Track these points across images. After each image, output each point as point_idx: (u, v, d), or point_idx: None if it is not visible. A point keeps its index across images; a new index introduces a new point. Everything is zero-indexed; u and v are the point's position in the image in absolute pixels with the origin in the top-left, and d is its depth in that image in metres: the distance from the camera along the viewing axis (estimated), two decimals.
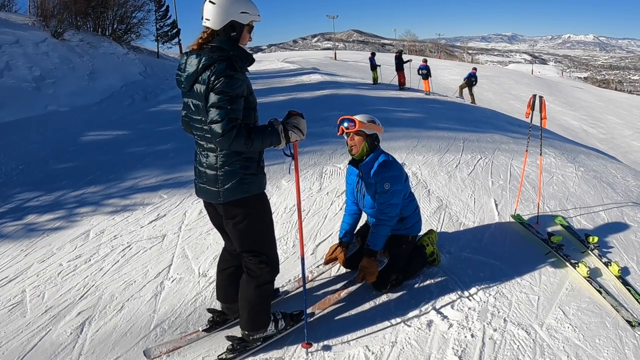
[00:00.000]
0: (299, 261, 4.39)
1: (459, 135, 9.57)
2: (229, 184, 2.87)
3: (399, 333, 3.39)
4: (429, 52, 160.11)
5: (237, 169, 2.86)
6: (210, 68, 2.69)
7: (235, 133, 2.66)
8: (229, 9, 2.76)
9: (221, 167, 2.87)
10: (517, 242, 4.76)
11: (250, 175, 2.91)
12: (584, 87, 64.48)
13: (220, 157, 2.86)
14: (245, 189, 2.90)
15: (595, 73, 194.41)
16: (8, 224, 5.85)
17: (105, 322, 3.71)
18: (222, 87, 2.66)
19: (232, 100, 2.67)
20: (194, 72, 2.75)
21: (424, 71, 21.99)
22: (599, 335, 3.32)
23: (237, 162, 2.86)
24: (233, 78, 2.69)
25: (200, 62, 2.73)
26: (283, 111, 3.13)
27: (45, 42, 17.41)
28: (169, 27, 32.01)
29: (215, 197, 2.93)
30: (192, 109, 2.90)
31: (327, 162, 7.46)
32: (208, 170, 2.92)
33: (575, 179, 6.97)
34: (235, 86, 2.69)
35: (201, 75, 2.73)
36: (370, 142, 3.87)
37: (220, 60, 2.70)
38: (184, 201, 6.20)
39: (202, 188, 3.02)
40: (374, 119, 3.87)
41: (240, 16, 2.79)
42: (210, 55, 2.73)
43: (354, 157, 3.95)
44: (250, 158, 2.91)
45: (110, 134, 11.13)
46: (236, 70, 2.72)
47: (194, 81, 2.78)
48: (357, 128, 3.76)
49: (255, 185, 2.96)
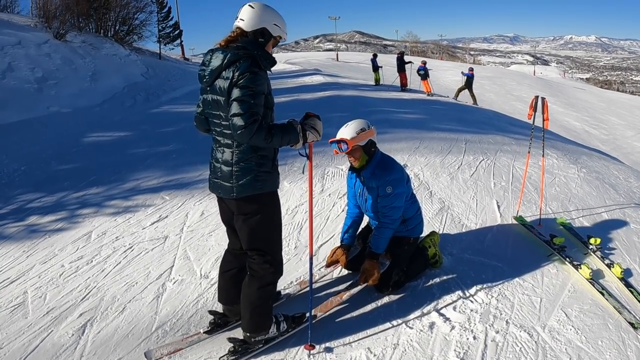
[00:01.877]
0: (300, 263, 4.42)
1: (461, 137, 9.56)
2: (243, 180, 2.92)
3: (401, 335, 3.38)
4: (431, 53, 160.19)
5: (252, 166, 2.93)
6: (235, 64, 2.80)
7: (256, 127, 2.73)
8: (265, 16, 2.96)
9: (237, 163, 2.93)
10: (520, 244, 4.75)
11: (264, 172, 2.97)
12: (586, 88, 64.34)
13: (236, 154, 2.93)
14: (259, 186, 2.96)
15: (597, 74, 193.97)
16: (10, 225, 5.85)
17: (107, 323, 3.71)
18: (245, 82, 2.75)
19: (254, 95, 2.77)
20: (218, 67, 2.85)
21: (422, 72, 22.00)
22: (602, 337, 3.31)
23: (252, 159, 2.93)
24: (257, 74, 2.80)
25: (225, 57, 2.83)
26: (285, 112, 3.15)
27: (47, 43, 17.42)
28: (171, 28, 32.09)
29: (229, 192, 2.97)
30: (212, 105, 2.97)
31: (329, 164, 7.46)
32: (223, 166, 2.98)
33: (578, 180, 6.96)
34: (259, 82, 2.80)
35: (225, 71, 2.83)
36: (367, 150, 3.86)
37: (245, 58, 2.81)
38: (186, 203, 6.20)
39: (216, 183, 3.07)
40: (363, 126, 3.82)
41: (272, 27, 2.99)
42: (236, 52, 2.84)
43: (356, 167, 3.96)
44: (265, 156, 2.98)
45: (112, 135, 11.14)
46: (260, 68, 2.85)
47: (217, 76, 2.87)
48: (351, 148, 3.76)
49: (269, 183, 3.02)
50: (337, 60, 54.10)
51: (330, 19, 69.48)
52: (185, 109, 14.50)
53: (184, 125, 11.34)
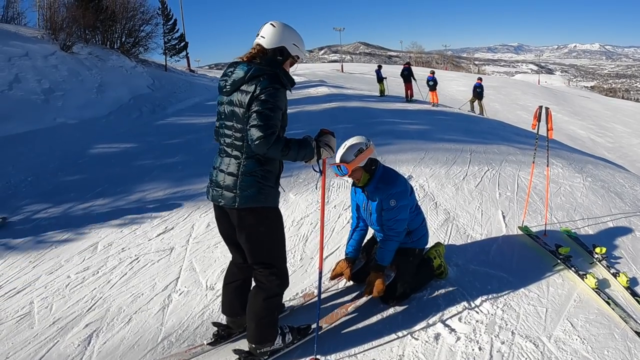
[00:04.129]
0: (305, 275, 4.43)
1: (466, 147, 9.56)
2: (248, 191, 2.94)
3: (407, 346, 3.38)
4: (436, 64, 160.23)
5: (258, 178, 2.96)
6: (258, 79, 2.87)
7: (274, 139, 2.79)
8: (285, 35, 3.06)
9: (242, 174, 2.96)
10: (525, 254, 4.74)
11: (268, 187, 3.01)
12: (590, 96, 64.28)
13: (243, 165, 2.96)
14: (262, 199, 2.98)
15: (601, 82, 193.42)
16: (16, 235, 5.89)
17: (113, 334, 3.72)
18: (267, 96, 2.82)
19: (274, 109, 2.84)
20: (240, 79, 2.91)
21: (431, 82, 22.03)
22: (608, 347, 3.29)
23: (258, 171, 2.97)
24: (278, 90, 2.88)
25: (249, 71, 2.90)
26: (292, 124, 3.18)
27: (54, 55, 17.60)
28: (176, 40, 32.38)
29: (232, 202, 2.97)
30: (226, 114, 3.02)
31: (335, 175, 7.45)
32: (228, 177, 3.00)
33: (583, 189, 6.95)
34: (279, 98, 2.87)
35: (246, 84, 2.89)
36: (368, 168, 3.87)
37: (269, 73, 2.89)
38: (191, 214, 6.23)
39: (218, 192, 3.06)
40: (361, 145, 3.82)
41: (291, 46, 3.08)
42: (259, 67, 2.92)
43: (359, 185, 3.98)
44: (271, 171, 3.02)
45: (118, 146, 11.21)
46: (282, 85, 2.93)
47: (237, 88, 2.93)
48: (350, 172, 3.80)
49: (271, 198, 3.05)
50: (342, 72, 54.32)
51: (335, 30, 70.28)
52: (191, 121, 14.59)
53: (190, 137, 11.41)
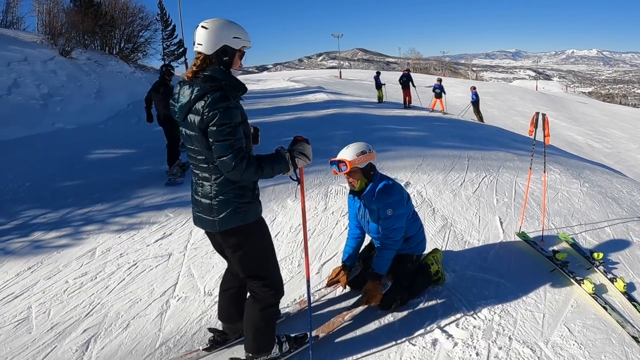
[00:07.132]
0: (303, 281, 4.42)
1: (463, 154, 9.59)
2: (224, 213, 2.86)
3: (404, 352, 3.38)
4: (434, 70, 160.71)
5: (231, 198, 2.85)
6: (203, 99, 2.68)
7: (245, 164, 2.68)
8: (222, 33, 2.77)
9: (215, 196, 2.86)
10: (522, 260, 4.75)
11: (245, 203, 2.90)
12: (588, 102, 64.49)
13: (215, 187, 2.86)
14: (241, 218, 2.88)
15: (599, 87, 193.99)
16: (14, 240, 5.89)
17: (111, 339, 3.72)
18: (220, 119, 2.65)
19: (233, 131, 2.67)
20: (187, 103, 2.75)
21: (438, 90, 22.13)
22: (605, 352, 3.31)
23: (231, 190, 2.85)
24: (228, 109, 2.67)
25: (192, 92, 2.72)
26: (289, 130, 3.19)
27: (53, 60, 17.60)
28: (175, 46, 32.48)
29: (212, 227, 2.92)
30: (186, 139, 2.90)
31: (333, 182, 7.49)
32: (203, 200, 2.92)
33: (580, 195, 6.97)
34: (233, 115, 2.68)
35: (194, 106, 2.72)
36: (366, 173, 3.89)
37: (212, 91, 2.68)
38: (189, 220, 6.22)
39: (199, 217, 3.01)
40: (364, 149, 3.85)
41: (233, 41, 2.80)
42: (202, 85, 2.72)
43: (355, 190, 3.98)
44: (245, 187, 2.90)
45: (117, 152, 11.20)
46: (229, 100, 2.70)
47: (188, 111, 2.77)
48: (349, 169, 3.79)
49: (251, 213, 2.94)
50: (340, 78, 54.43)
51: (333, 36, 69.85)
52: None
53: None
